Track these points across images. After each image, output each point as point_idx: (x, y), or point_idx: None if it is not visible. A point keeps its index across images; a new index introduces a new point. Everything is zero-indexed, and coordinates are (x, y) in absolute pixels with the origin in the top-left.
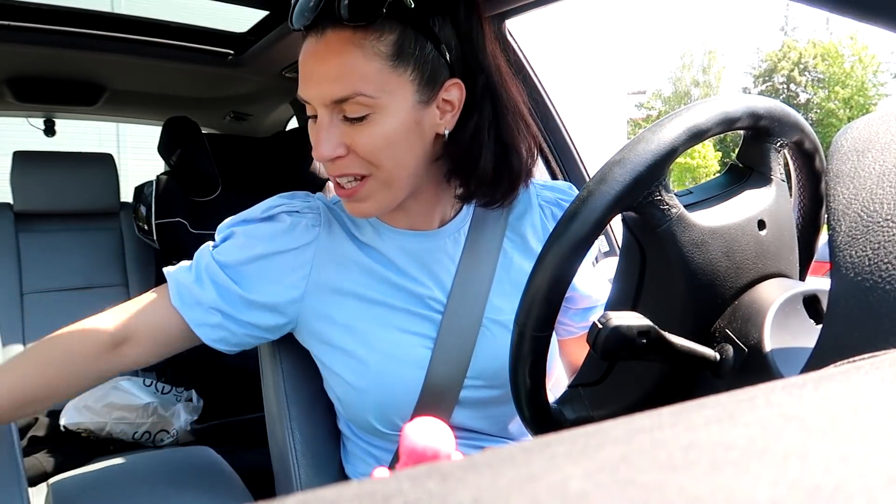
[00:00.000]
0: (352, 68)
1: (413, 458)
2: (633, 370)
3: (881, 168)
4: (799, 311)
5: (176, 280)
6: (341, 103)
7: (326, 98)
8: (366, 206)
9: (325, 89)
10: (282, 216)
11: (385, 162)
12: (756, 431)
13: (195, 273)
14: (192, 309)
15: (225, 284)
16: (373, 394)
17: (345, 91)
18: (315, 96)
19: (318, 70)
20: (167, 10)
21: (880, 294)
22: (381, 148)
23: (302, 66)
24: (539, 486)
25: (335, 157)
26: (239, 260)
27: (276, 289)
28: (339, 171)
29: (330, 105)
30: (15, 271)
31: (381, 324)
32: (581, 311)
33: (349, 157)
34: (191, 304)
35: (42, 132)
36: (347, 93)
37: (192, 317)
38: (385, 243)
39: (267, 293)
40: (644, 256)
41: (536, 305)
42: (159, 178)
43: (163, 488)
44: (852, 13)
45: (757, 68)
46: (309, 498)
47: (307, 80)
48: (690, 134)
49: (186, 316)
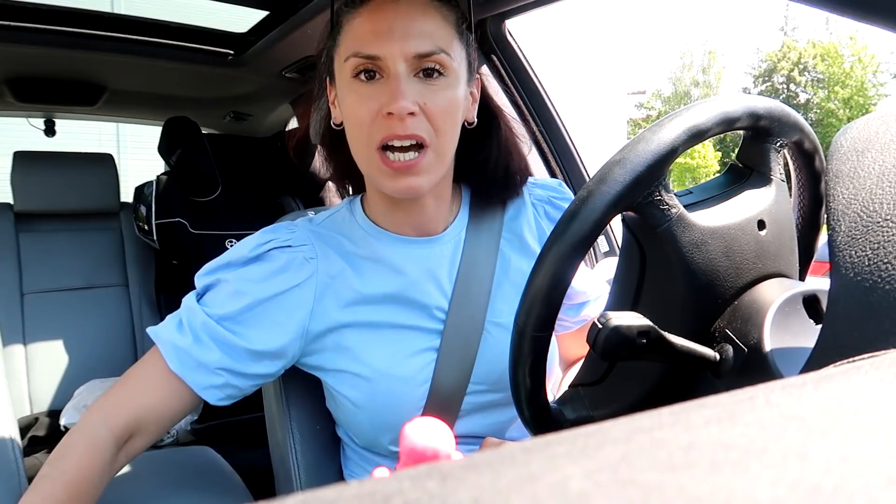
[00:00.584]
0: (435, 28)
1: (413, 458)
2: (633, 370)
3: (881, 168)
4: (799, 311)
5: (171, 344)
6: (422, 58)
7: (410, 52)
8: (420, 181)
9: (409, 44)
10: (273, 254)
11: (447, 129)
12: (756, 431)
13: (191, 333)
14: (194, 372)
15: (227, 340)
16: (378, 414)
17: (431, 46)
18: (397, 51)
19: (400, 25)
20: (167, 10)
21: (880, 294)
22: (449, 113)
23: (373, 23)
24: (539, 485)
25: (409, 114)
26: (235, 310)
27: (279, 333)
28: (405, 131)
29: (410, 60)
30: (15, 271)
31: (387, 347)
32: (575, 306)
33: (419, 117)
34: (193, 368)
35: (42, 132)
36: (432, 48)
37: (196, 381)
38: (389, 252)
39: (271, 340)
40: (644, 256)
41: (536, 306)
42: (159, 179)
43: (163, 488)
44: (852, 13)
45: (757, 68)
46: (309, 498)
47: (385, 35)
48: (690, 134)
49: (190, 381)
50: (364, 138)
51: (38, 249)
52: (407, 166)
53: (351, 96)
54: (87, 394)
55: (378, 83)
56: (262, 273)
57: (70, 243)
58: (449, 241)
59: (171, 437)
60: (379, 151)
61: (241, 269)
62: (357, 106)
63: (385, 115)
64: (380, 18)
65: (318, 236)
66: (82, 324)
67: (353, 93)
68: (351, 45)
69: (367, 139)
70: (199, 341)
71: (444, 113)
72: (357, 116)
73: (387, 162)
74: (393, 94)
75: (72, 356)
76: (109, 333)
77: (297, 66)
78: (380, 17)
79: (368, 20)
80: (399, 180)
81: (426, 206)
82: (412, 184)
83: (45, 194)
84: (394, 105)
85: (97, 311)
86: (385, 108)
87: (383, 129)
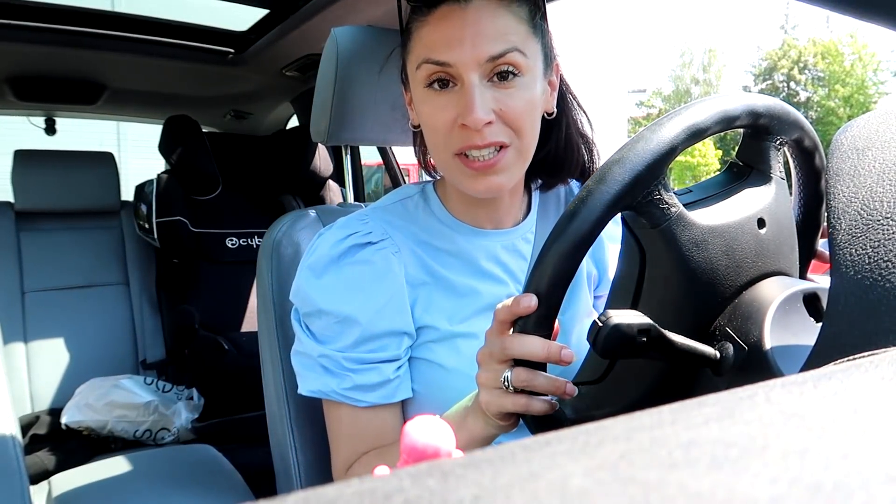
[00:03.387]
0: (506, 27)
1: (413, 456)
2: (634, 368)
3: (881, 166)
4: (799, 309)
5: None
6: (495, 60)
7: (483, 56)
8: (501, 179)
9: (481, 48)
10: (358, 257)
11: (527, 129)
12: (756, 429)
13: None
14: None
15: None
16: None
17: (503, 47)
18: (468, 57)
19: (470, 30)
20: (167, 9)
21: (880, 292)
22: (527, 113)
23: (443, 30)
24: (539, 483)
25: (486, 123)
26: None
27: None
28: (484, 141)
29: (483, 65)
30: (16, 270)
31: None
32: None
33: (496, 124)
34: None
35: (43, 131)
36: (505, 48)
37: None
38: (469, 246)
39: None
40: (644, 255)
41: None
42: (160, 177)
43: (164, 486)
44: (852, 11)
45: (757, 66)
46: (310, 496)
47: (455, 42)
48: (690, 133)
49: (384, 400)
50: (441, 145)
51: (39, 248)
52: (487, 165)
53: (426, 106)
54: (87, 392)
55: (452, 92)
56: (358, 289)
57: (71, 242)
58: (521, 236)
59: (173, 435)
60: (458, 156)
61: (332, 290)
62: (432, 116)
63: (461, 125)
64: (449, 25)
65: (393, 227)
66: (83, 322)
67: (426, 103)
68: (422, 53)
69: (444, 146)
70: (358, 372)
71: (522, 115)
72: (433, 126)
73: (467, 163)
74: (468, 106)
75: (73, 354)
76: (110, 332)
77: (297, 65)
78: (449, 24)
79: (437, 28)
80: (480, 181)
81: (503, 201)
82: (493, 183)
83: (45, 193)
84: (469, 118)
85: (98, 310)
86: (461, 119)
87: (462, 138)
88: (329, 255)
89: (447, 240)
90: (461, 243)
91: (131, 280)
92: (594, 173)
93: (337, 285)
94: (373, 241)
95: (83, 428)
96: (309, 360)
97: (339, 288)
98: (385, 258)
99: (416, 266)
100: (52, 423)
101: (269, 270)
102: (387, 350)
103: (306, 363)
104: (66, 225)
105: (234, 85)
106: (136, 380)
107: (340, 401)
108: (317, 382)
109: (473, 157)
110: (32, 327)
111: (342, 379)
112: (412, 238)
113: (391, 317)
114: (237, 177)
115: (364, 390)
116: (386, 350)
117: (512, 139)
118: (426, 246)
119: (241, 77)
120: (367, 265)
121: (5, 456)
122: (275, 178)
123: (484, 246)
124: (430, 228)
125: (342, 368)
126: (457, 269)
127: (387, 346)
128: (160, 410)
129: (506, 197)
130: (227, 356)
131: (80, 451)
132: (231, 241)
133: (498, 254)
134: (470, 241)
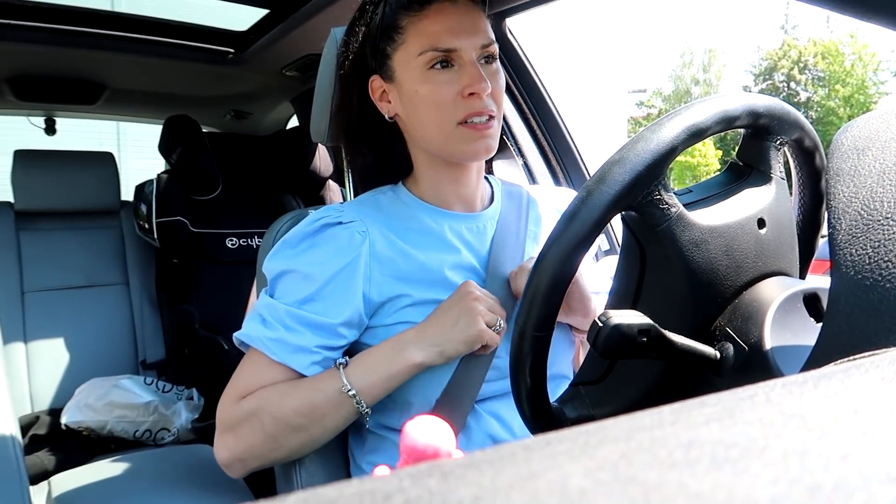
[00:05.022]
0: (483, 22)
1: (413, 457)
2: (634, 368)
3: (881, 166)
4: (799, 309)
5: (265, 339)
6: (486, 48)
7: (478, 42)
8: (491, 143)
9: (477, 37)
10: (327, 232)
11: (502, 104)
12: (756, 429)
13: (279, 324)
14: (296, 357)
15: (313, 320)
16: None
17: (487, 39)
18: (469, 44)
19: (467, 22)
20: (167, 9)
21: (880, 292)
22: (502, 91)
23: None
24: (540, 483)
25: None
26: (310, 292)
27: (350, 303)
28: (483, 107)
29: (478, 50)
30: (16, 270)
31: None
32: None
33: (488, 98)
34: (292, 353)
35: (43, 131)
36: (489, 39)
37: (299, 363)
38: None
39: (346, 310)
40: (644, 255)
41: (536, 305)
42: (160, 177)
43: (164, 486)
44: (853, 11)
45: (757, 67)
46: (310, 496)
47: (457, 32)
48: (690, 133)
49: (294, 365)
50: (446, 117)
51: (39, 248)
52: (486, 127)
53: (427, 84)
54: (87, 392)
55: (453, 71)
56: (324, 254)
57: (71, 242)
58: (487, 220)
59: (173, 435)
60: (461, 125)
61: (302, 253)
62: (435, 91)
63: (467, 95)
64: (447, 18)
65: (365, 213)
66: (83, 322)
67: (428, 81)
68: (424, 42)
69: (449, 118)
70: (290, 329)
71: (501, 92)
72: (436, 100)
73: (471, 127)
74: (475, 77)
75: (73, 354)
76: (110, 332)
77: (297, 65)
78: (447, 17)
79: (436, 20)
80: (480, 142)
81: (472, 177)
82: (487, 144)
83: (45, 193)
84: (478, 86)
85: (98, 310)
86: (468, 89)
87: (466, 107)
88: (303, 231)
89: (415, 220)
90: (428, 222)
91: (131, 280)
92: (595, 173)
93: (305, 251)
94: (343, 222)
95: (83, 428)
96: (254, 311)
97: (307, 253)
98: (351, 235)
99: (385, 244)
100: (51, 424)
101: None
102: (325, 314)
103: (250, 315)
104: (66, 225)
105: (234, 85)
106: (136, 380)
107: (260, 348)
108: (249, 328)
109: (475, 123)
110: (32, 327)
111: (272, 330)
112: (382, 223)
113: (341, 282)
114: (237, 177)
115: (285, 347)
116: (324, 314)
117: (496, 112)
118: (395, 227)
119: (241, 77)
120: (333, 238)
121: (5, 456)
122: (275, 178)
123: (451, 225)
124: (400, 213)
125: (277, 321)
126: (424, 244)
127: (327, 309)
128: (160, 410)
129: (474, 176)
130: (227, 356)
131: (79, 452)
132: (231, 241)
133: (462, 232)
134: (437, 220)
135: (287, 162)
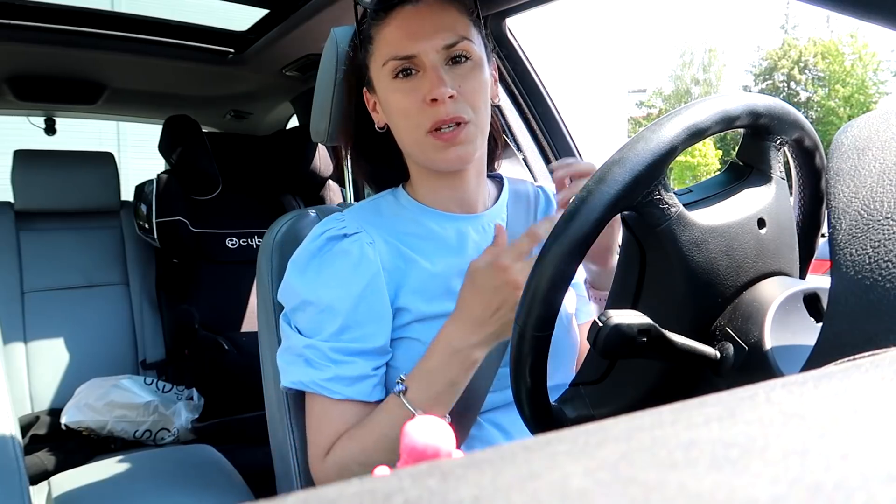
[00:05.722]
0: (454, 20)
1: (413, 457)
2: (634, 368)
3: (881, 166)
4: (799, 309)
5: (320, 382)
6: (450, 49)
7: (439, 45)
8: (467, 150)
9: (437, 38)
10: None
11: (481, 106)
12: (756, 429)
13: (328, 361)
14: (358, 387)
15: (357, 348)
16: None
17: (454, 37)
18: (428, 47)
19: (426, 25)
20: (167, 9)
21: (881, 292)
22: (480, 92)
23: (403, 28)
24: (540, 484)
25: (449, 97)
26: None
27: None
28: (447, 114)
29: (441, 52)
30: (16, 270)
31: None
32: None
33: (458, 100)
34: (352, 384)
35: (43, 131)
36: (456, 38)
37: (364, 392)
38: (436, 228)
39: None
40: (644, 255)
41: (536, 306)
42: (160, 177)
43: (164, 486)
44: (853, 11)
45: (757, 66)
46: (310, 496)
47: (415, 36)
48: (690, 133)
49: (358, 396)
50: (413, 126)
51: (39, 248)
52: (451, 137)
53: (395, 94)
54: (87, 392)
55: (416, 77)
56: (339, 275)
57: (71, 242)
58: (491, 221)
59: (173, 435)
60: (430, 133)
61: (316, 278)
62: (402, 99)
63: (429, 102)
64: (407, 23)
65: (368, 221)
66: (83, 322)
67: (395, 90)
68: (387, 51)
69: (416, 126)
70: (339, 363)
71: (476, 93)
72: (404, 109)
73: (438, 136)
74: (433, 83)
75: (72, 355)
76: (110, 332)
77: (297, 65)
78: (407, 22)
79: (397, 27)
80: (450, 151)
81: (469, 181)
82: (460, 153)
83: (45, 193)
84: (436, 91)
85: (98, 310)
86: (428, 95)
87: (430, 115)
88: (309, 250)
89: (417, 225)
90: (431, 226)
91: (131, 280)
92: (595, 173)
93: (318, 275)
94: (348, 234)
95: (83, 428)
96: (293, 354)
97: (320, 278)
98: (360, 247)
99: (390, 254)
100: (51, 424)
101: (269, 270)
102: (368, 340)
103: (290, 358)
104: (66, 225)
105: (234, 85)
106: (135, 380)
107: (319, 392)
108: (298, 374)
109: (442, 132)
110: (32, 327)
111: (322, 370)
112: (385, 230)
113: (370, 301)
114: (237, 177)
115: (342, 382)
116: (367, 340)
117: (470, 116)
118: (398, 234)
119: (241, 77)
120: (344, 255)
121: (5, 456)
122: (275, 178)
123: (455, 227)
124: (402, 218)
125: (324, 359)
126: (429, 250)
127: (368, 334)
128: (160, 410)
129: (471, 177)
130: (227, 356)
131: (79, 452)
132: (231, 241)
133: (468, 233)
134: (440, 224)
135: (287, 162)
